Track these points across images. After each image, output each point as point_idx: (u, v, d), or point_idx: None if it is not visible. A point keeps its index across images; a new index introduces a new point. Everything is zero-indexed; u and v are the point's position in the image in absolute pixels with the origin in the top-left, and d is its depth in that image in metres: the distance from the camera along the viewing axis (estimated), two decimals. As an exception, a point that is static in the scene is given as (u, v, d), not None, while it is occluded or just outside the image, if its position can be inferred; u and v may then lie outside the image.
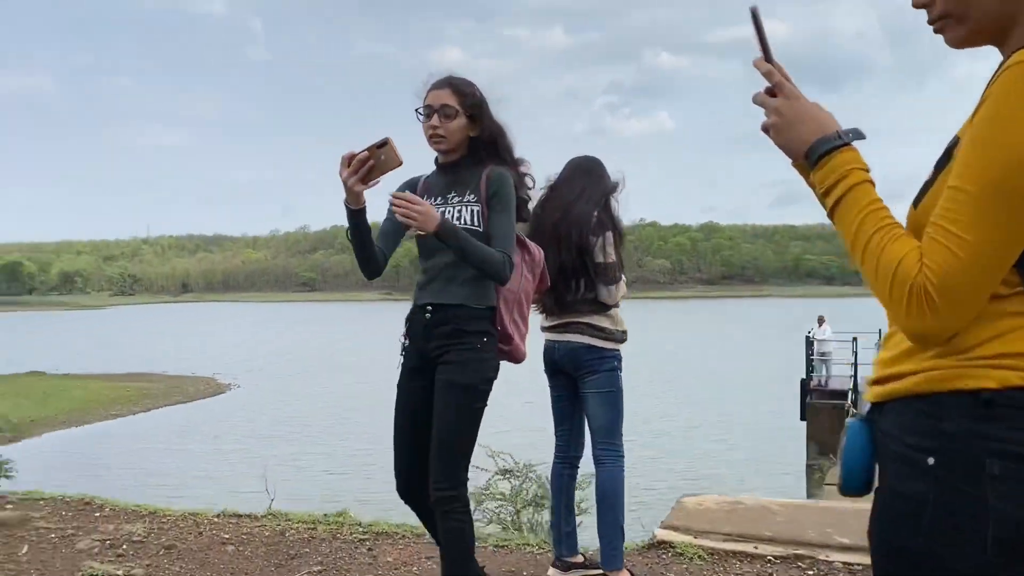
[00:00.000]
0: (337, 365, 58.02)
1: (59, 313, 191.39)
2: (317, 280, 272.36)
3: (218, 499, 22.71)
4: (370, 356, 66.62)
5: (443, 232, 2.94)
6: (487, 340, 3.15)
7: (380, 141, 2.90)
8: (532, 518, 10.16)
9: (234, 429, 34.97)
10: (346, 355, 65.66)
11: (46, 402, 43.80)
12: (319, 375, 53.85)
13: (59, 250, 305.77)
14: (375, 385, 46.95)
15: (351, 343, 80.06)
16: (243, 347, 79.02)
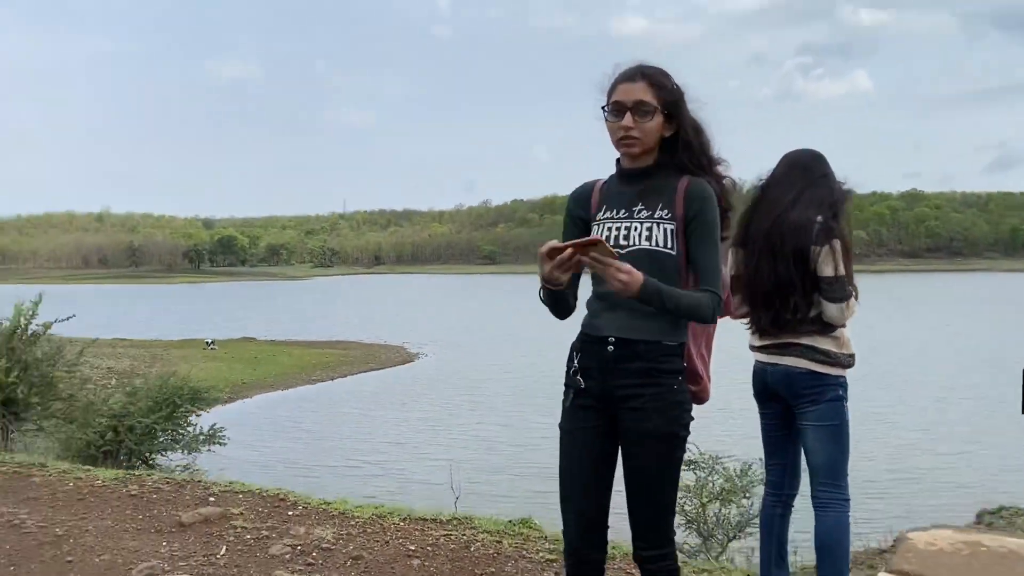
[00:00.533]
0: (517, 337, 59.10)
1: (267, 283, 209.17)
2: (498, 253, 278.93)
3: (402, 468, 23.78)
4: (548, 330, 67.13)
5: (645, 296, 2.52)
6: (682, 379, 2.71)
7: (589, 240, 2.49)
8: (719, 512, 9.65)
9: (420, 396, 36.47)
10: (525, 328, 66.80)
11: (257, 366, 47.82)
12: (500, 346, 55.09)
13: (267, 225, 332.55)
14: (555, 360, 47.38)
15: (530, 316, 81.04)
16: (430, 318, 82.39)
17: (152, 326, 75.14)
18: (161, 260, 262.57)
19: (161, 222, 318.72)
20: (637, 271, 2.49)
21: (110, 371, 44.11)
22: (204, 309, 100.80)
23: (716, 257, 2.71)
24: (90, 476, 4.59)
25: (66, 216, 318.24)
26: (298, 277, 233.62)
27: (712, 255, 2.69)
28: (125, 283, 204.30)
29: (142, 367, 45.39)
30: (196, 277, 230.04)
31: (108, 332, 68.02)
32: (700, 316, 2.65)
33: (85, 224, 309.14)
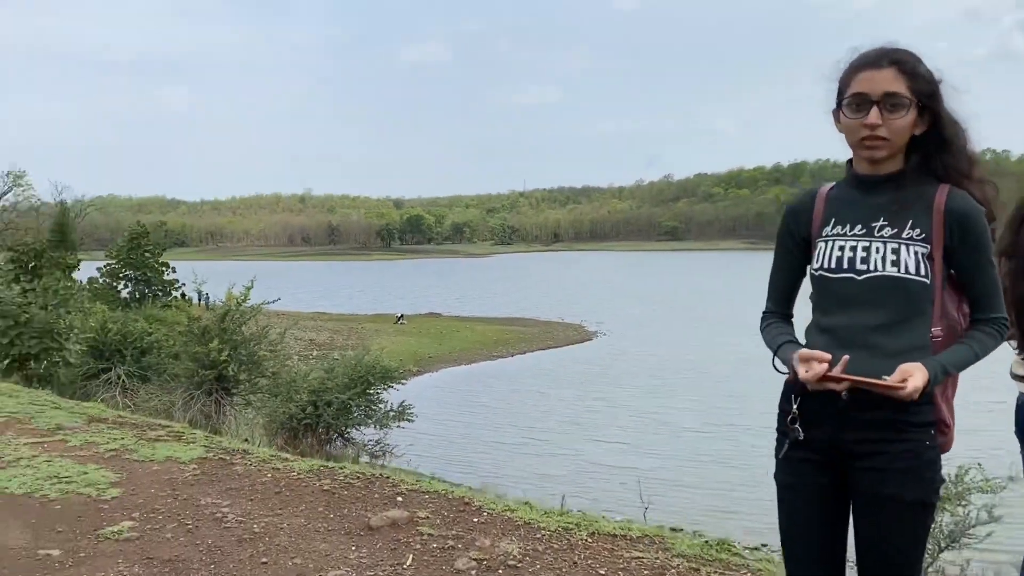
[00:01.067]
0: (700, 317, 57.41)
1: (450, 260, 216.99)
2: (680, 229, 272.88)
3: (578, 449, 23.65)
4: (734, 309, 65.05)
5: (936, 384, 2.11)
6: (934, 432, 2.21)
7: (855, 381, 2.08)
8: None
9: (597, 377, 36.28)
10: (709, 307, 64.76)
11: (442, 341, 49.64)
12: (683, 327, 53.73)
13: (451, 204, 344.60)
14: (740, 342, 45.62)
15: (714, 295, 78.90)
16: (609, 296, 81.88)
17: (348, 301, 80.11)
18: (356, 238, 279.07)
19: (356, 202, 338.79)
20: (915, 369, 2.06)
21: (312, 343, 47.53)
22: (394, 285, 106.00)
23: (995, 281, 2.19)
24: (287, 467, 4.74)
25: (273, 198, 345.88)
26: (479, 254, 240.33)
27: (991, 278, 2.14)
28: (324, 260, 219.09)
29: (339, 339, 48.51)
30: (387, 255, 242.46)
31: (310, 306, 73.54)
32: (991, 352, 2.18)
33: (290, 205, 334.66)
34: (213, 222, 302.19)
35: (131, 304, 17.25)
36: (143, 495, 4.22)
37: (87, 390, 14.33)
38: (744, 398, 30.14)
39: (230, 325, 10.17)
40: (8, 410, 6.33)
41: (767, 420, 2.63)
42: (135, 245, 18.86)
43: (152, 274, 18.65)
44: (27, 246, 19.28)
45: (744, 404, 29.14)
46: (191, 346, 9.93)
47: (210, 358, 9.72)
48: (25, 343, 13.14)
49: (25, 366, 13.72)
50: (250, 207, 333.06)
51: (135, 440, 5.40)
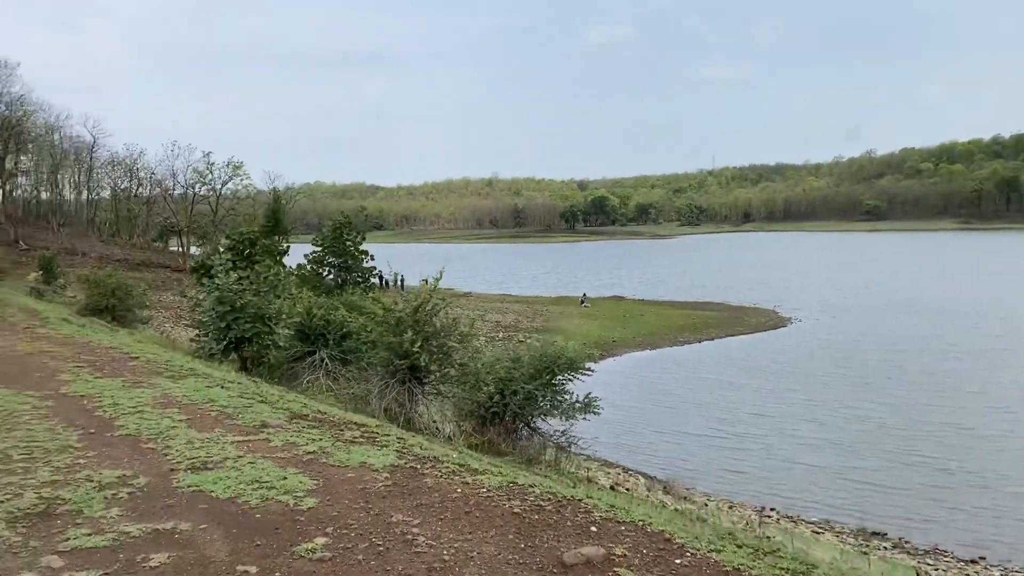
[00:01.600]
0: (911, 306, 52.90)
1: (635, 241, 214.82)
2: (883, 208, 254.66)
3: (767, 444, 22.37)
4: (945, 296, 59.47)
5: None
6: None
7: None
8: None
9: (792, 366, 34.30)
10: (918, 293, 59.60)
11: (626, 324, 49.04)
12: (889, 315, 49.77)
13: (636, 184, 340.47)
14: (953, 332, 41.61)
15: (924, 279, 72.55)
16: (805, 279, 77.50)
17: (533, 283, 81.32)
18: (541, 221, 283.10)
19: (542, 185, 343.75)
20: None
21: (498, 325, 48.59)
22: (578, 267, 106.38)
23: None
24: (476, 482, 4.59)
25: (463, 182, 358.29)
26: (665, 235, 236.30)
27: None
28: (511, 242, 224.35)
29: (524, 322, 49.24)
30: (571, 237, 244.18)
31: (496, 288, 75.39)
32: None
33: (478, 189, 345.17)
34: (408, 206, 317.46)
35: (334, 290, 18.33)
36: (337, 506, 4.20)
37: (294, 371, 15.27)
38: (958, 395, 27.36)
39: (423, 317, 10.37)
40: (219, 404, 6.68)
41: (995, 422, 2.09)
42: (338, 234, 19.94)
43: (353, 261, 19.68)
44: (242, 235, 20.88)
45: (958, 402, 26.46)
46: (386, 336, 10.24)
47: (403, 348, 9.96)
48: (240, 327, 14.17)
49: (240, 348, 14.82)
50: (441, 191, 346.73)
51: (332, 442, 5.49)
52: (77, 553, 3.61)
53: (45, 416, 6.23)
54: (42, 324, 12.16)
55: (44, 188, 78.91)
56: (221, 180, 75.34)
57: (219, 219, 74.71)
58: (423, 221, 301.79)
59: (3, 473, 4.74)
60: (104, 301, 21.27)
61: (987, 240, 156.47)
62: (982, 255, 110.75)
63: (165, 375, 8.27)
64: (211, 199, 75.72)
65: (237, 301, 14.11)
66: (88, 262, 56.55)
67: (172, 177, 77.11)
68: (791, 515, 17.75)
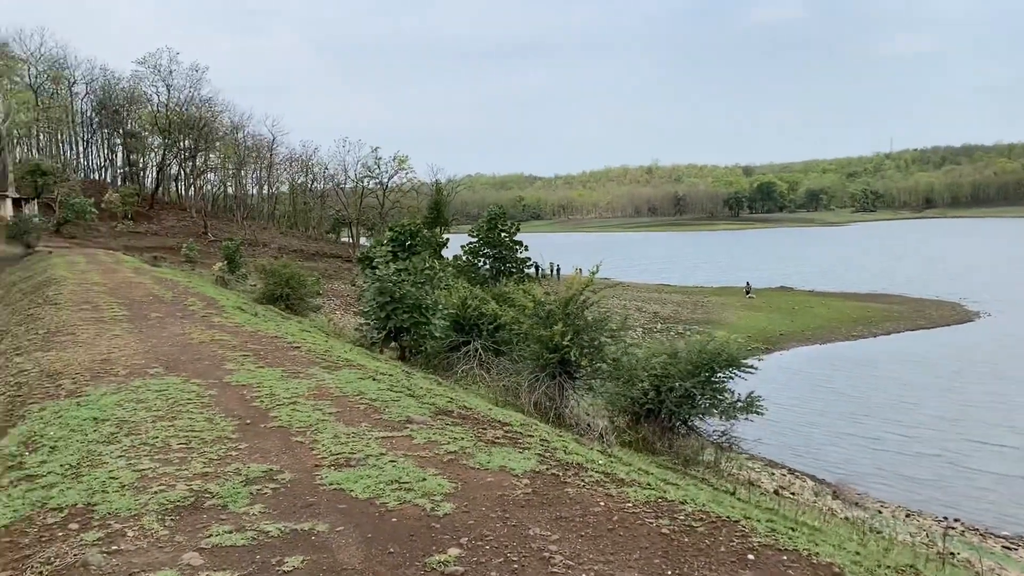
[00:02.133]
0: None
1: (805, 229, 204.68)
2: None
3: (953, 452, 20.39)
4: None
5: None
6: None
7: None
8: None
9: (980, 365, 31.42)
10: None
11: (794, 317, 46.73)
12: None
13: (806, 169, 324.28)
14: None
15: None
16: (996, 271, 70.98)
17: (694, 272, 79.27)
18: (703, 208, 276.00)
19: (703, 172, 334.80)
20: None
21: (655, 316, 47.68)
22: (742, 256, 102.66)
23: None
24: (621, 495, 4.25)
25: (621, 170, 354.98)
26: (837, 223, 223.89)
27: None
28: (671, 230, 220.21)
29: (684, 313, 48.03)
30: (736, 224, 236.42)
31: (655, 277, 74.06)
32: None
33: (636, 177, 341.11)
34: (565, 195, 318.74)
35: (488, 280, 18.49)
36: (474, 514, 4.01)
37: (449, 361, 15.50)
38: None
39: (573, 310, 10.09)
40: (368, 396, 6.72)
41: None
42: (492, 226, 20.03)
43: (507, 252, 19.70)
44: (403, 227, 21.47)
45: None
46: (536, 329, 10.04)
47: (553, 342, 9.74)
48: (399, 317, 14.50)
49: (399, 337, 15.19)
50: (599, 180, 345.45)
51: (474, 442, 5.34)
52: (217, 551, 3.62)
53: (207, 405, 6.49)
54: (218, 312, 12.93)
55: (230, 183, 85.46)
56: (388, 174, 78.90)
57: (386, 211, 78.08)
58: (580, 210, 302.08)
59: (161, 463, 4.92)
60: (279, 290, 22.52)
61: None
62: None
63: (322, 365, 8.47)
64: (378, 192, 79.35)
65: (396, 292, 14.44)
66: (268, 252, 60.73)
67: (343, 172, 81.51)
68: (978, 527, 16.20)
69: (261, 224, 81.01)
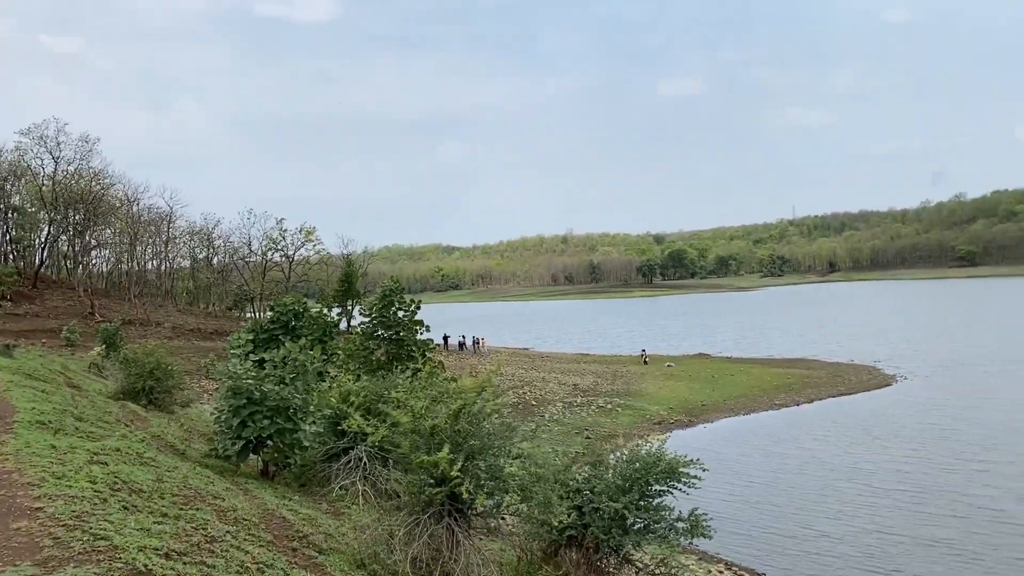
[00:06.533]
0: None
1: (716, 294, 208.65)
2: (978, 254, 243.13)
3: (914, 537, 18.32)
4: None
5: None
6: None
7: None
8: None
9: (914, 432, 30.18)
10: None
11: (715, 386, 45.12)
12: (1003, 367, 44.64)
13: (715, 236, 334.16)
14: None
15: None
16: (902, 331, 71.98)
17: (611, 341, 77.82)
18: (618, 275, 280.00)
19: (617, 240, 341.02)
20: None
21: (575, 388, 45.34)
22: (658, 323, 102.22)
23: None
24: None
25: (537, 240, 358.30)
26: (747, 288, 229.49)
27: None
28: (588, 298, 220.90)
29: (604, 384, 45.84)
30: (649, 291, 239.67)
31: (574, 347, 72.19)
32: None
33: (553, 246, 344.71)
34: (484, 265, 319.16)
35: (383, 367, 15.84)
36: None
37: (327, 474, 12.59)
38: None
39: (465, 425, 7.35)
40: None
41: None
42: (387, 303, 17.44)
43: (406, 332, 17.16)
44: (286, 305, 18.51)
45: None
46: (417, 454, 7.27)
47: (439, 470, 6.98)
48: (258, 424, 11.59)
49: (260, 449, 12.22)
50: (517, 249, 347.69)
51: None
52: None
53: None
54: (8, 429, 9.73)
55: (124, 259, 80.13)
56: (294, 246, 75.37)
57: (292, 285, 74.28)
58: (499, 279, 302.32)
59: None
60: (140, 383, 19.17)
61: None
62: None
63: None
64: (284, 265, 75.63)
65: (255, 392, 11.54)
66: (161, 332, 56.03)
67: (247, 245, 77.51)
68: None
69: (157, 302, 75.84)
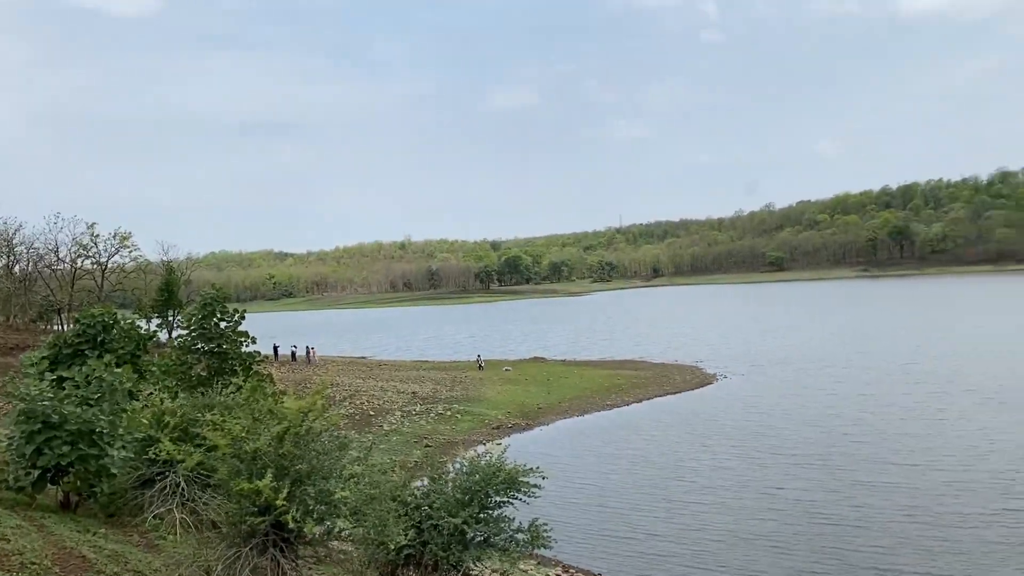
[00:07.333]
0: (830, 354, 51.94)
1: (550, 299, 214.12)
2: (785, 258, 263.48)
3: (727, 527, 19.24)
4: (865, 343, 59.00)
5: None
6: None
7: None
8: None
9: (733, 430, 31.92)
10: (841, 343, 59.00)
11: (550, 388, 45.93)
12: (811, 364, 48.49)
13: (548, 243, 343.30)
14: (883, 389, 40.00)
15: (837, 326, 72.56)
16: (721, 332, 76.66)
17: (452, 347, 77.73)
18: (456, 282, 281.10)
19: (455, 246, 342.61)
20: None
21: (414, 396, 44.66)
22: (495, 328, 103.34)
23: None
24: None
25: (375, 246, 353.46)
26: (579, 293, 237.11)
27: None
28: (426, 304, 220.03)
29: (443, 391, 45.45)
30: (487, 297, 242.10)
31: (413, 354, 71.40)
32: None
33: (391, 252, 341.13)
34: (319, 272, 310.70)
35: (204, 383, 14.63)
36: None
37: (140, 502, 11.45)
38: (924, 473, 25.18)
39: (291, 448, 6.72)
40: None
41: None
42: (208, 314, 16.11)
43: (229, 346, 15.94)
44: (93, 318, 16.81)
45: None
46: (238, 481, 6.57)
47: (262, 498, 6.34)
48: (56, 450, 10.32)
49: (60, 479, 10.92)
50: (353, 256, 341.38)
51: None
52: None
53: None
54: None
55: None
56: (107, 252, 69.60)
57: (106, 294, 68.70)
58: (335, 287, 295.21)
59: None
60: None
61: (889, 286, 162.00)
62: (884, 303, 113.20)
63: None
64: (96, 274, 69.73)
65: (52, 415, 10.27)
66: (-51, 348, 50.11)
67: (54, 251, 70.75)
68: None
69: (-55, 315, 67.82)
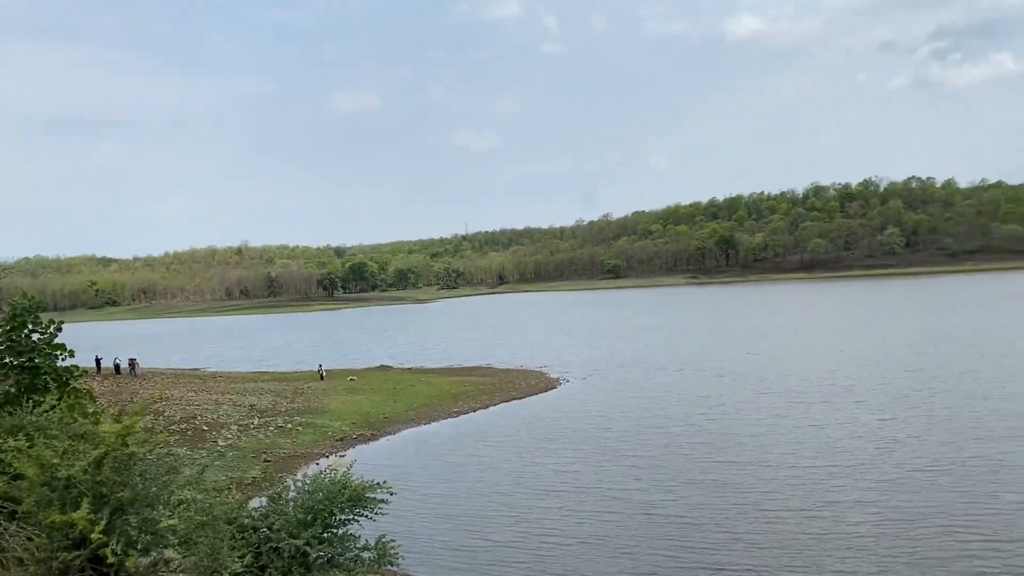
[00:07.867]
0: (662, 358, 54.53)
1: (396, 306, 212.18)
2: (622, 266, 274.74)
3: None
4: (700, 345, 62.44)
5: None
6: None
7: None
8: None
9: (574, 433, 32.69)
10: (674, 344, 62.07)
11: (396, 397, 45.28)
12: (648, 368, 50.71)
13: (394, 250, 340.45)
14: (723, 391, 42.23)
15: (670, 330, 76.40)
16: (562, 337, 78.74)
17: (292, 356, 75.16)
18: (297, 289, 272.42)
19: (296, 252, 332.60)
20: None
21: (252, 409, 42.68)
22: (338, 337, 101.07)
23: None
24: None
25: (209, 251, 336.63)
26: (426, 300, 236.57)
27: None
28: (266, 313, 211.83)
29: (283, 403, 43.70)
30: (331, 304, 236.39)
31: (250, 365, 68.38)
32: None
33: (226, 258, 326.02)
34: (147, 279, 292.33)
35: (13, 401, 13.12)
36: None
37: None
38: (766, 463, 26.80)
39: (111, 475, 6.01)
40: None
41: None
42: (18, 325, 14.49)
43: (43, 360, 14.42)
44: None
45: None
46: (49, 512, 5.80)
47: (77, 531, 5.61)
48: None
49: None
50: (185, 262, 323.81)
51: None
52: None
53: None
54: None
55: None
56: None
57: None
58: (165, 295, 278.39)
59: None
60: None
61: (714, 293, 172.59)
62: (712, 308, 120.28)
63: None
64: None
65: None
66: None
67: None
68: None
69: None
